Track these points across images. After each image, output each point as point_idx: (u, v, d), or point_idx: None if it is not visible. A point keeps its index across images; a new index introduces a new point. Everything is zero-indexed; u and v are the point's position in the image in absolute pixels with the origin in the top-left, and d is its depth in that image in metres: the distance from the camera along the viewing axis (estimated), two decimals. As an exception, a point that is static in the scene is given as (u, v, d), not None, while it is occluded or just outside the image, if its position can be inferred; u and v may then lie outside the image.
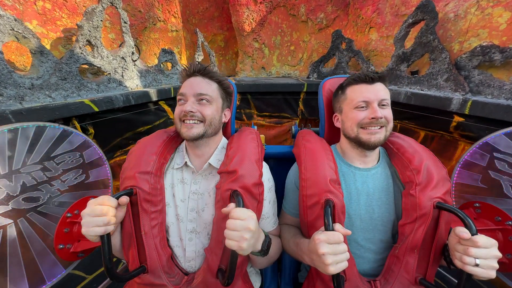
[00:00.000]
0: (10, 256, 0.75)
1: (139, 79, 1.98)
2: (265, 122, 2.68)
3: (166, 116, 2.09)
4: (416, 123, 1.67)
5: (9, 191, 0.76)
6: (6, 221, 0.75)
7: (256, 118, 2.67)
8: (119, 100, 1.58)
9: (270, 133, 2.73)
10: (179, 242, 0.82)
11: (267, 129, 2.73)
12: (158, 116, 1.99)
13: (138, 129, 1.81)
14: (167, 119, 2.10)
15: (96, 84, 1.60)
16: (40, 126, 0.83)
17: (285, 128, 2.70)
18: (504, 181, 0.81)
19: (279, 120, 2.67)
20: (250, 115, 2.67)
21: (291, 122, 2.67)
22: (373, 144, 0.78)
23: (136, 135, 1.79)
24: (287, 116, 2.61)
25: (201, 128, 0.78)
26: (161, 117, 2.04)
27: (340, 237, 0.57)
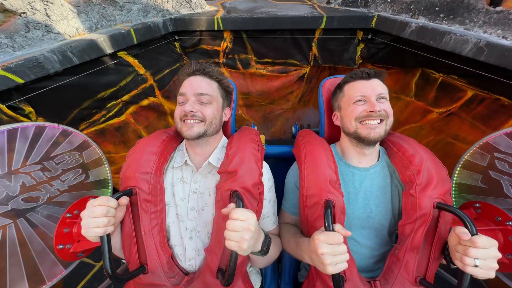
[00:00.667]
0: (10, 256, 0.75)
1: (77, 18, 1.27)
2: (266, 71, 2.04)
3: (133, 71, 1.53)
4: (468, 81, 1.28)
5: (8, 191, 0.76)
6: (6, 221, 0.75)
7: (255, 66, 2.02)
8: (52, 61, 1.04)
9: (272, 85, 2.14)
10: (180, 241, 0.82)
11: (268, 80, 2.12)
12: (121, 73, 1.46)
13: (100, 95, 1.37)
14: (136, 76, 1.56)
15: (7, 36, 0.99)
16: (39, 126, 0.82)
17: (291, 79, 2.10)
18: (504, 181, 0.81)
19: (284, 69, 2.03)
20: (246, 62, 2.00)
21: (299, 70, 2.05)
22: (373, 139, 0.78)
23: (99, 102, 1.39)
24: (295, 63, 1.98)
25: (201, 127, 0.78)
26: (127, 74, 1.50)
27: (340, 238, 0.57)
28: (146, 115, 1.80)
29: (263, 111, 2.47)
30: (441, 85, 1.45)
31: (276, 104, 2.38)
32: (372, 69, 0.83)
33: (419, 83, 1.61)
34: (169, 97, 1.93)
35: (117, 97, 1.47)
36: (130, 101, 1.59)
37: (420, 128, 1.65)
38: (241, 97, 2.30)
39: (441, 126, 1.50)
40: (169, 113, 2.00)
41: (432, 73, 1.47)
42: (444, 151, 1.46)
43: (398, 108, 1.80)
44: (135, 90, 1.59)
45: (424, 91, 1.58)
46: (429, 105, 1.55)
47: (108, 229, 0.63)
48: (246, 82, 2.17)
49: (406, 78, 1.70)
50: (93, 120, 1.39)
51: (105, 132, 1.50)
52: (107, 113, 1.47)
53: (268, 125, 2.62)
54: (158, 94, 1.81)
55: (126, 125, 1.64)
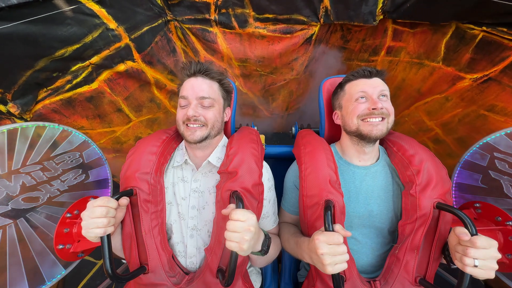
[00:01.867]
0: (10, 256, 0.75)
1: None
2: (267, 31, 1.65)
3: (101, 24, 1.19)
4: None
5: (8, 191, 0.76)
6: (6, 222, 0.75)
7: (254, 24, 1.62)
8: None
9: (274, 50, 1.77)
10: (181, 239, 0.82)
11: (269, 42, 1.73)
12: (84, 25, 1.13)
13: (58, 53, 1.07)
14: (106, 31, 1.22)
15: None
16: (39, 126, 0.82)
17: (296, 41, 1.71)
18: (504, 181, 0.81)
19: (288, 28, 1.65)
20: (243, 19, 1.60)
21: (306, 30, 1.66)
22: (375, 136, 0.78)
23: (58, 62, 1.10)
24: (301, 19, 1.60)
25: (204, 131, 0.79)
26: (92, 27, 1.16)
27: (340, 238, 0.57)
28: (125, 84, 1.48)
29: (263, 83, 2.09)
30: (480, 44, 1.21)
31: (279, 73, 2.01)
32: (373, 68, 0.83)
33: (451, 44, 1.35)
34: (151, 63, 1.57)
35: (84, 58, 1.21)
36: (102, 64, 1.30)
37: (446, 99, 1.44)
38: (238, 65, 1.92)
39: (474, 95, 1.28)
40: (153, 82, 1.64)
41: (470, 28, 1.22)
42: (474, 125, 1.29)
43: (420, 77, 1.56)
44: (106, 50, 1.29)
45: (456, 53, 1.32)
46: (460, 71, 1.32)
47: (108, 230, 0.63)
48: (243, 45, 1.78)
49: (434, 39, 1.43)
50: (55, 86, 1.15)
51: (74, 103, 1.26)
52: (73, 79, 1.21)
53: (268, 99, 2.25)
54: (137, 58, 1.46)
55: (100, 95, 1.37)
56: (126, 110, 1.57)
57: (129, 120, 1.62)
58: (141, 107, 1.67)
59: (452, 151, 1.41)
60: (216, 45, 1.75)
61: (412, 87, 1.67)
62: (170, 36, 1.66)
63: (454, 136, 1.41)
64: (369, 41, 1.80)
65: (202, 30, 1.67)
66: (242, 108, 2.26)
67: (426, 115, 1.59)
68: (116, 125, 1.55)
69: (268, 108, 2.33)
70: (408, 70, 1.67)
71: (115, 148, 1.57)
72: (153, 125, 1.77)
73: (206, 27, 1.66)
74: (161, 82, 1.69)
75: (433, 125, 1.55)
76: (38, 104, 1.13)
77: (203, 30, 1.67)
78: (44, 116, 1.15)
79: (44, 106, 1.14)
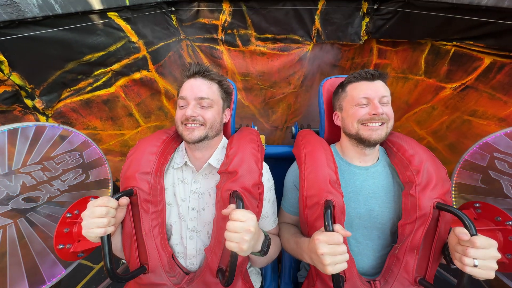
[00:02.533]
0: (10, 256, 0.75)
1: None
2: (267, 49, 1.95)
3: (124, 37, 1.43)
4: (487, 44, 1.19)
5: (8, 191, 0.76)
6: (6, 221, 0.75)
7: (255, 42, 1.92)
8: (30, 3, 0.94)
9: (273, 65, 2.04)
10: (181, 240, 0.82)
11: (269, 59, 2.01)
12: (111, 37, 1.35)
13: (86, 57, 1.24)
14: (128, 43, 1.45)
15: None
16: (40, 126, 0.82)
17: (293, 58, 2.01)
18: (504, 181, 0.81)
19: (285, 46, 1.95)
20: (246, 39, 1.90)
21: (301, 48, 1.96)
22: (374, 140, 0.78)
23: (84, 66, 1.26)
24: (296, 39, 1.90)
25: (202, 131, 0.79)
26: (117, 38, 1.38)
27: (340, 238, 0.57)
28: (138, 91, 1.67)
29: (263, 96, 2.32)
30: (454, 57, 1.35)
31: (277, 87, 2.24)
32: (376, 70, 0.83)
33: (429, 59, 1.52)
34: (163, 74, 1.80)
35: (106, 64, 1.36)
36: (121, 71, 1.47)
37: (432, 108, 1.55)
38: (241, 79, 2.17)
39: (456, 103, 1.39)
40: (163, 92, 1.85)
41: (443, 44, 1.38)
42: (461, 130, 1.36)
43: (406, 89, 1.71)
44: (126, 59, 1.47)
45: (434, 67, 1.48)
46: (441, 81, 1.45)
47: (108, 230, 0.63)
48: (245, 61, 2.06)
49: (414, 55, 1.62)
50: (78, 87, 1.28)
51: (92, 104, 1.38)
52: (94, 82, 1.35)
53: (268, 112, 2.45)
54: (151, 69, 1.69)
55: (116, 99, 1.51)
56: (137, 115, 1.70)
57: (138, 125, 1.74)
58: (150, 114, 1.82)
59: (445, 158, 1.45)
60: (221, 61, 2.01)
61: (401, 99, 1.82)
62: (181, 53, 1.92)
63: (445, 142, 1.48)
64: (358, 60, 2.06)
65: (210, 48, 1.97)
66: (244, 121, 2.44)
67: (416, 124, 1.70)
68: (126, 129, 1.65)
69: (268, 121, 2.50)
70: (395, 84, 1.84)
71: (122, 151, 1.64)
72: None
73: (214, 45, 1.95)
74: (170, 93, 1.87)
75: (424, 134, 1.63)
76: (60, 102, 1.23)
77: (210, 48, 1.96)
78: (63, 114, 1.22)
79: (65, 105, 1.25)
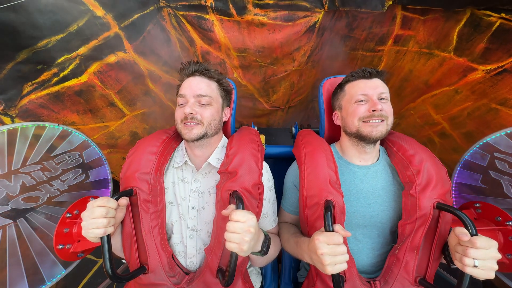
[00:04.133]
0: (10, 256, 0.75)
1: None
2: (267, 18, 1.53)
3: (86, 11, 1.11)
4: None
5: (8, 191, 0.76)
6: (6, 222, 0.75)
7: (253, 11, 1.50)
8: None
9: (274, 39, 1.64)
10: (181, 239, 0.82)
11: (270, 30, 1.59)
12: (68, 12, 1.05)
13: (41, 43, 1.02)
14: (92, 19, 1.14)
15: None
16: (39, 126, 0.82)
17: (298, 30, 1.58)
18: (504, 181, 0.81)
19: (290, 15, 1.52)
20: (241, 6, 1.48)
21: (309, 17, 1.53)
22: (375, 137, 0.78)
23: (42, 54, 1.04)
24: (304, 5, 1.48)
25: (201, 129, 0.78)
26: (77, 14, 1.08)
27: (340, 238, 0.57)
28: (117, 77, 1.39)
29: (263, 74, 1.99)
30: (497, 32, 1.10)
31: (279, 64, 1.90)
32: (373, 69, 0.83)
33: (464, 32, 1.25)
34: (144, 53, 1.45)
35: (70, 49, 1.14)
36: (90, 55, 1.22)
37: (455, 92, 1.35)
38: (236, 56, 1.82)
39: (486, 88, 1.20)
40: (146, 74, 1.52)
41: (486, 15, 1.12)
42: (484, 119, 1.23)
43: (428, 68, 1.47)
44: (94, 40, 1.20)
45: (469, 43, 1.23)
46: (473, 61, 1.23)
47: (108, 230, 0.63)
48: (242, 34, 1.66)
49: (446, 26, 1.32)
50: (40, 80, 1.08)
51: (63, 97, 1.20)
52: (60, 72, 1.14)
53: (268, 92, 2.15)
54: (129, 48, 1.37)
55: (91, 88, 1.30)
56: (119, 104, 1.49)
57: (123, 114, 1.54)
58: (135, 101, 1.58)
59: (458, 146, 1.35)
60: (213, 34, 1.62)
61: (420, 78, 1.56)
62: (163, 25, 1.53)
63: (462, 130, 1.35)
64: (375, 30, 1.65)
65: (197, 18, 1.54)
66: (241, 101, 2.17)
67: (433, 108, 1.51)
68: (109, 120, 1.48)
69: (269, 101, 2.23)
70: (416, 60, 1.57)
71: (109, 144, 1.51)
72: (149, 119, 1.69)
73: (202, 14, 1.52)
74: (156, 74, 1.58)
75: (440, 119, 1.47)
76: (24, 99, 1.07)
77: (198, 18, 1.54)
78: (31, 112, 1.09)
79: (31, 101, 1.08)
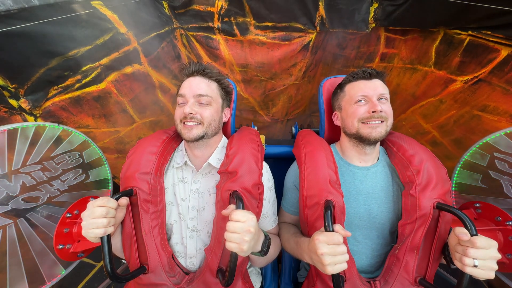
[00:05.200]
0: (10, 257, 0.75)
1: None
2: (267, 38, 1.78)
3: (112, 28, 1.30)
4: (506, 35, 1.12)
5: (8, 191, 0.76)
6: (6, 221, 0.75)
7: (254, 31, 1.76)
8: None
9: (273, 56, 1.90)
10: (181, 239, 0.82)
11: (269, 48, 1.85)
12: (97, 28, 1.23)
13: (71, 53, 1.15)
14: (116, 35, 1.33)
15: None
16: (39, 126, 0.82)
17: (294, 48, 1.84)
18: (504, 181, 0.81)
19: (287, 35, 1.78)
20: (244, 27, 1.74)
21: (304, 37, 1.79)
22: (374, 138, 0.78)
23: (71, 62, 1.16)
24: (299, 27, 1.74)
25: (200, 129, 0.78)
26: (104, 30, 1.27)
27: (340, 238, 0.58)
28: (131, 86, 1.56)
29: (263, 88, 2.19)
30: (468, 47, 1.26)
31: (278, 79, 2.11)
32: (373, 69, 0.83)
33: (441, 49, 1.42)
34: (157, 67, 1.68)
35: (94, 59, 1.28)
36: (111, 66, 1.37)
37: (440, 102, 1.48)
38: (239, 71, 2.04)
39: (466, 97, 1.32)
40: (157, 86, 1.73)
41: (457, 33, 1.29)
42: (469, 126, 1.32)
43: (414, 81, 1.63)
44: (116, 52, 1.37)
45: (446, 57, 1.39)
46: (451, 74, 1.38)
47: (108, 230, 0.63)
48: (244, 52, 1.91)
49: (425, 44, 1.51)
50: (65, 85, 1.19)
51: (82, 102, 1.31)
52: (83, 78, 1.26)
53: (268, 105, 2.34)
54: (144, 62, 1.57)
55: (107, 95, 1.43)
56: (131, 111, 1.61)
57: (133, 121, 1.65)
58: (145, 109, 1.72)
59: (450, 153, 1.42)
60: (218, 51, 1.86)
61: (407, 91, 1.73)
62: (175, 43, 1.79)
63: (451, 137, 1.43)
64: (363, 49, 1.90)
65: (205, 38, 1.81)
66: (243, 113, 2.32)
67: (422, 118, 1.63)
68: (120, 126, 1.57)
69: (268, 113, 2.40)
70: (402, 75, 1.74)
71: (118, 149, 1.58)
72: (156, 127, 1.80)
73: (210, 35, 1.79)
74: (165, 86, 1.76)
75: (429, 128, 1.57)
76: (48, 101, 1.16)
77: (206, 37, 1.81)
78: (53, 113, 1.17)
79: (54, 104, 1.17)
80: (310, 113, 2.42)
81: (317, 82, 2.16)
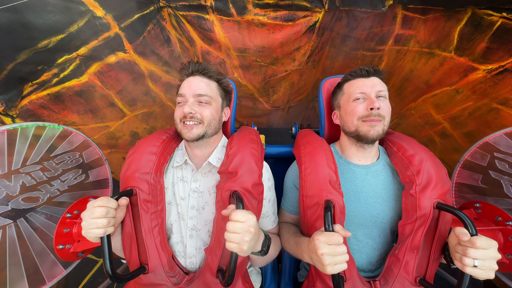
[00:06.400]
0: (10, 257, 0.75)
1: None
2: (268, 18, 1.52)
3: (87, 12, 1.10)
4: None
5: (8, 191, 0.76)
6: (6, 221, 0.75)
7: (253, 11, 1.48)
8: None
9: (275, 38, 1.63)
10: (181, 239, 0.82)
11: (270, 30, 1.58)
12: (68, 13, 1.05)
13: (41, 43, 1.02)
14: (92, 19, 1.13)
15: None
16: (39, 126, 0.82)
17: (299, 29, 1.57)
18: (504, 181, 0.81)
19: (290, 15, 1.51)
20: (241, 6, 1.47)
21: (309, 17, 1.52)
22: (372, 137, 0.78)
23: (43, 54, 1.05)
24: (304, 5, 1.46)
25: (200, 129, 0.79)
26: (77, 15, 1.08)
27: (340, 238, 0.57)
28: (117, 77, 1.39)
29: (263, 74, 1.95)
30: (498, 32, 1.09)
31: (279, 64, 1.87)
32: (371, 67, 0.84)
33: (465, 32, 1.23)
34: (144, 54, 1.45)
35: (70, 50, 1.14)
36: (91, 56, 1.22)
37: (456, 92, 1.34)
38: (236, 56, 1.77)
39: (486, 88, 1.19)
40: (147, 75, 1.52)
41: (488, 14, 1.11)
42: (484, 119, 1.22)
43: (429, 68, 1.46)
44: (95, 40, 1.20)
45: (470, 42, 1.22)
46: (474, 61, 1.22)
47: (108, 230, 0.63)
48: (242, 34, 1.63)
49: (447, 26, 1.31)
50: (41, 80, 1.09)
51: (63, 98, 1.20)
52: (61, 72, 1.15)
53: (269, 91, 2.12)
54: (129, 49, 1.36)
55: (91, 89, 1.30)
56: (120, 104, 1.50)
57: (123, 114, 1.55)
58: (135, 101, 1.59)
59: (459, 146, 1.35)
60: (213, 34, 1.61)
61: (420, 78, 1.56)
62: (163, 25, 1.52)
63: (463, 130, 1.35)
64: (376, 29, 1.65)
65: (197, 18, 1.53)
66: (242, 101, 2.17)
67: (434, 108, 1.51)
68: (110, 120, 1.48)
69: (269, 101, 2.22)
70: (417, 60, 1.55)
71: (110, 144, 1.52)
72: (149, 119, 1.70)
73: (202, 14, 1.52)
74: (156, 74, 1.59)
75: (440, 119, 1.47)
76: (24, 100, 1.08)
77: (198, 18, 1.53)
78: (32, 112, 1.11)
79: (31, 102, 1.09)
80: (312, 99, 2.27)
81: (322, 66, 2.00)
